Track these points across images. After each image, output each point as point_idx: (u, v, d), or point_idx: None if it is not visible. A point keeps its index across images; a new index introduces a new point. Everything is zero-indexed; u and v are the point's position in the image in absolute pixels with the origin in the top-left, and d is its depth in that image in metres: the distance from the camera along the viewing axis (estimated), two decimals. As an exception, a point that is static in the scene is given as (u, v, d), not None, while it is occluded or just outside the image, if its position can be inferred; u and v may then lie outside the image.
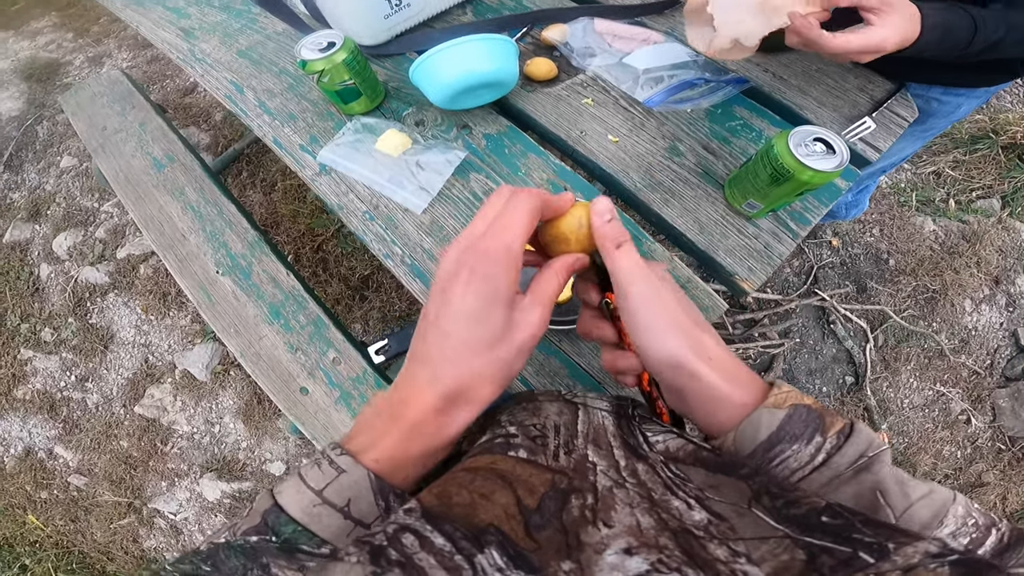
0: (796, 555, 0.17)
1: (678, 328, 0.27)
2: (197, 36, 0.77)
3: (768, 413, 0.25)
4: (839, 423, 0.25)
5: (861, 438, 0.24)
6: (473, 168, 0.60)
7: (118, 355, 1.45)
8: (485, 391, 0.26)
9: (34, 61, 2.11)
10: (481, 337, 0.26)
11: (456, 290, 0.26)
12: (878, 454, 0.23)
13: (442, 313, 0.26)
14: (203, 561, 0.20)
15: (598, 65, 0.64)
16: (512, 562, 0.17)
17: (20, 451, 1.40)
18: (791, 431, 0.24)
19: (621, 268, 0.28)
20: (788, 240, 0.53)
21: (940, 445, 1.24)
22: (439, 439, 0.26)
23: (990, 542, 0.21)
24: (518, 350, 0.26)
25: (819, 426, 0.24)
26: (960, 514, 0.22)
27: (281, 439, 1.31)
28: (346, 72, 0.57)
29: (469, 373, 0.26)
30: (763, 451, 0.25)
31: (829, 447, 0.24)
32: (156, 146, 1.05)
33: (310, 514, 0.23)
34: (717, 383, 0.26)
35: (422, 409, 0.26)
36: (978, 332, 1.33)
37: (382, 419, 0.27)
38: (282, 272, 0.87)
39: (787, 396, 0.26)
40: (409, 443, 0.26)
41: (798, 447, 0.24)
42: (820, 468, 0.24)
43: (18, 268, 1.59)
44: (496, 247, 0.26)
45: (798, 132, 0.45)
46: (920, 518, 0.22)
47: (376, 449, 0.25)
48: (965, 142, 1.51)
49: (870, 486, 0.23)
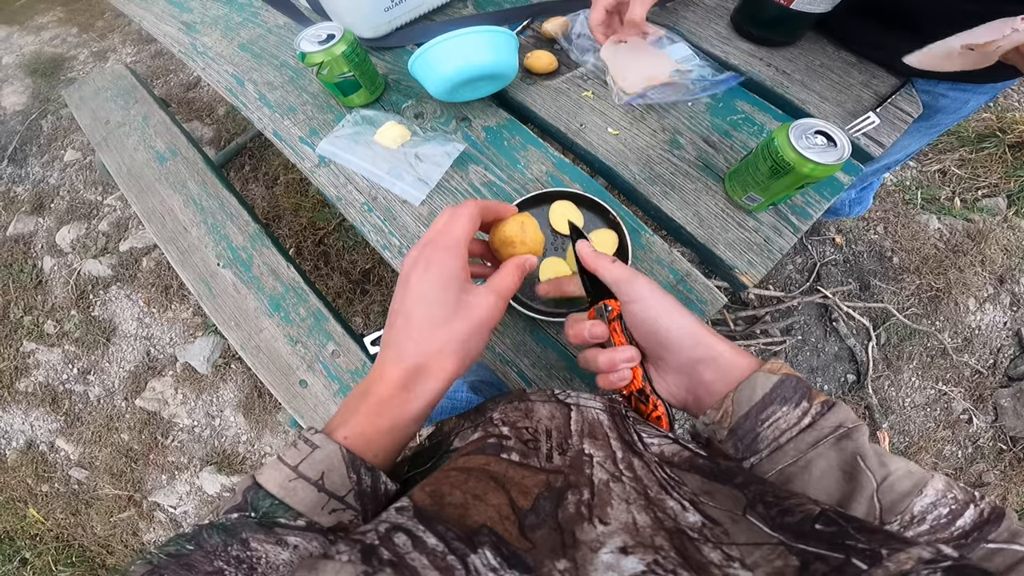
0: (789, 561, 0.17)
1: (685, 310, 0.33)
2: (199, 30, 0.78)
3: (764, 376, 0.28)
4: (823, 396, 0.28)
5: (841, 411, 0.27)
6: (472, 160, 0.59)
7: (120, 348, 1.46)
8: (446, 365, 0.29)
9: (39, 56, 2.11)
10: (438, 315, 0.29)
11: (414, 278, 0.30)
12: (857, 426, 0.26)
13: (404, 299, 0.30)
14: (187, 541, 0.21)
15: (598, 59, 0.64)
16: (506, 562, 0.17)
17: (22, 444, 1.41)
18: (782, 394, 0.28)
19: (621, 276, 0.34)
20: (789, 234, 0.53)
21: (941, 444, 1.23)
22: (406, 412, 0.29)
23: (968, 515, 0.22)
24: (474, 327, 0.30)
25: (806, 394, 0.28)
26: (940, 487, 0.23)
27: (281, 432, 1.32)
28: (345, 64, 0.57)
29: (429, 349, 0.29)
30: (757, 411, 0.28)
31: (815, 412, 0.27)
32: (159, 140, 1.05)
33: (286, 488, 0.24)
34: (728, 351, 0.31)
35: (388, 385, 0.29)
36: (981, 331, 1.32)
37: (353, 399, 0.29)
38: (283, 265, 0.87)
39: (781, 366, 0.29)
40: (378, 418, 0.28)
41: (787, 409, 0.27)
42: (807, 429, 0.26)
43: (21, 261, 1.60)
44: (444, 240, 0.30)
45: (799, 124, 0.45)
46: (900, 487, 0.23)
47: (347, 426, 0.27)
48: (972, 140, 1.50)
49: (851, 452, 0.25)
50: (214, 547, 0.21)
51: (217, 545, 0.21)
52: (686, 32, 0.67)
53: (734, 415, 0.29)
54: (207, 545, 0.21)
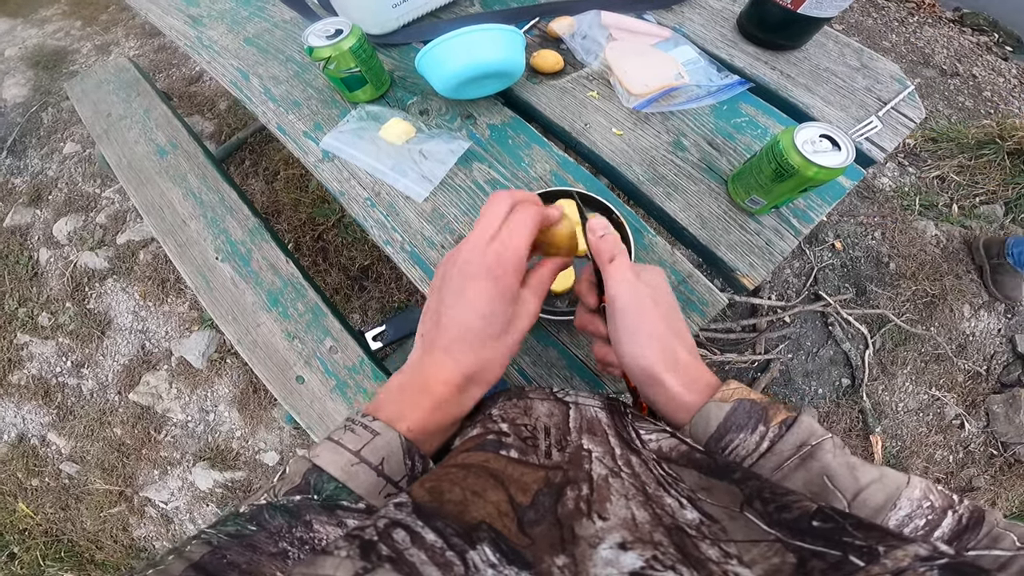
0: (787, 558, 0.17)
1: (654, 338, 0.31)
2: (205, 23, 0.77)
3: (716, 407, 0.28)
4: (782, 415, 0.27)
5: (802, 427, 0.26)
6: (476, 158, 0.60)
7: (115, 341, 1.45)
8: (494, 372, 0.31)
9: (41, 49, 2.10)
10: (494, 330, 0.31)
11: (473, 289, 0.30)
12: (820, 443, 0.25)
13: (463, 308, 0.30)
14: (248, 522, 0.21)
15: (603, 60, 0.64)
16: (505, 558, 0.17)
17: (13, 437, 1.40)
18: (736, 421, 0.27)
19: (612, 281, 0.32)
20: (790, 237, 0.53)
21: (933, 449, 1.24)
22: (459, 411, 0.31)
23: (947, 524, 0.21)
24: (522, 337, 0.32)
25: (762, 416, 0.27)
26: (916, 496, 0.22)
27: (276, 429, 1.31)
28: (352, 60, 0.57)
29: (483, 358, 0.31)
30: (715, 441, 0.27)
31: (772, 435, 0.26)
32: (160, 133, 1.05)
33: (348, 472, 0.24)
34: (679, 389, 0.30)
35: (448, 388, 0.30)
36: (976, 338, 1.33)
37: (410, 394, 0.30)
38: (282, 260, 0.87)
39: (733, 392, 0.29)
40: (436, 413, 0.29)
41: (744, 436, 0.27)
42: (766, 455, 0.26)
43: (17, 252, 1.58)
44: (507, 254, 0.30)
45: (804, 128, 0.45)
46: (873, 502, 0.22)
47: (408, 419, 0.28)
48: (971, 147, 1.51)
49: (817, 471, 0.24)
50: (278, 528, 0.20)
51: (281, 526, 0.21)
52: (691, 34, 0.67)
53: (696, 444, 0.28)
54: (270, 526, 0.21)
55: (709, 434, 0.27)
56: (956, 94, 1.75)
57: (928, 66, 1.82)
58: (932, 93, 1.75)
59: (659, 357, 0.30)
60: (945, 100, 1.73)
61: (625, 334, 0.31)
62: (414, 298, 1.36)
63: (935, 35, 1.92)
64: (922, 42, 1.89)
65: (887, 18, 1.97)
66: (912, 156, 1.59)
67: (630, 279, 0.32)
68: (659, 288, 0.34)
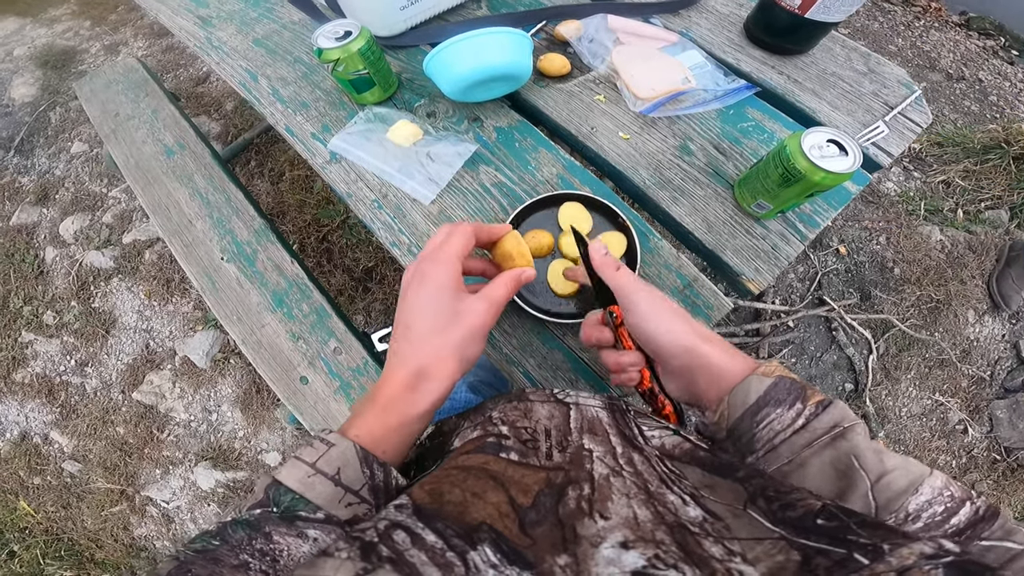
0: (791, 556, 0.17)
1: (682, 319, 0.34)
2: (214, 24, 0.78)
3: (757, 380, 0.29)
4: (819, 396, 0.28)
5: (837, 410, 0.27)
6: (483, 161, 0.60)
7: (119, 340, 1.45)
8: (446, 367, 0.32)
9: (50, 48, 2.12)
10: (435, 323, 0.32)
11: (411, 290, 0.33)
12: (853, 425, 0.26)
13: (404, 309, 0.33)
14: (212, 537, 0.22)
15: (610, 64, 0.64)
16: (506, 558, 0.17)
17: (16, 435, 1.40)
18: (776, 396, 0.28)
19: (625, 283, 0.35)
20: (796, 242, 0.53)
21: (936, 454, 1.23)
22: (412, 410, 0.31)
23: (964, 512, 0.21)
24: (468, 333, 0.32)
25: (801, 395, 0.28)
26: (938, 485, 0.23)
27: (278, 429, 1.31)
28: (361, 62, 0.57)
29: (428, 353, 0.32)
30: (751, 414, 0.28)
31: (808, 413, 0.27)
32: (168, 133, 1.05)
33: (305, 483, 0.25)
34: (721, 357, 0.31)
35: (394, 387, 0.31)
36: (980, 343, 1.32)
37: (363, 403, 0.31)
38: (287, 261, 0.87)
39: (775, 369, 0.30)
40: (386, 416, 0.30)
41: (781, 411, 0.27)
42: (800, 431, 0.26)
43: (23, 251, 1.59)
44: (438, 254, 0.33)
45: (811, 133, 0.45)
46: (896, 485, 0.23)
47: (356, 425, 0.29)
48: (977, 152, 1.51)
49: (846, 451, 0.25)
50: (239, 541, 0.21)
51: (242, 539, 0.21)
52: (698, 38, 0.67)
53: (730, 418, 0.29)
54: (232, 540, 0.21)
55: (747, 405, 0.28)
56: (962, 98, 1.74)
57: (934, 70, 1.82)
58: (938, 97, 1.75)
59: (692, 331, 0.33)
60: (951, 104, 1.73)
61: (654, 318, 0.34)
62: (418, 299, 1.36)
63: (941, 39, 1.91)
64: (928, 46, 1.89)
65: (893, 22, 1.97)
66: (917, 161, 1.59)
67: (639, 279, 0.35)
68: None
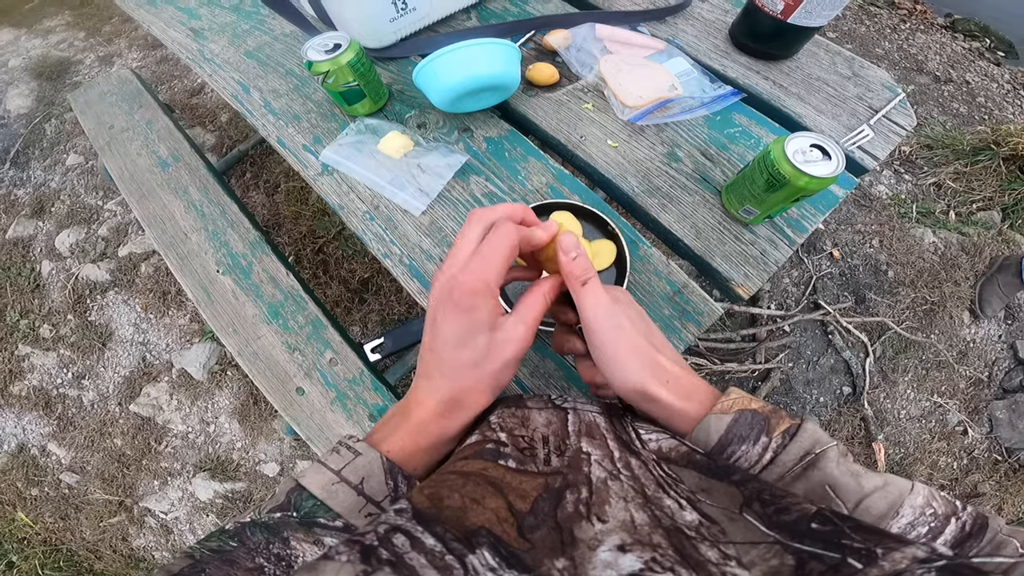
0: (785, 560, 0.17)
1: (638, 356, 0.30)
2: (207, 37, 0.79)
3: (716, 419, 0.27)
4: (785, 424, 0.26)
5: (806, 436, 0.25)
6: (473, 171, 0.60)
7: (116, 353, 1.45)
8: (478, 399, 0.31)
9: (45, 59, 2.13)
10: (468, 359, 0.30)
11: (442, 319, 0.30)
12: (824, 451, 0.24)
13: (436, 337, 0.31)
14: (230, 538, 0.21)
15: (597, 72, 0.65)
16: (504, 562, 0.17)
17: (13, 448, 1.40)
18: (738, 433, 0.26)
19: (586, 305, 0.31)
20: (784, 247, 0.54)
21: (936, 456, 1.23)
22: (442, 436, 0.31)
23: (949, 531, 0.21)
24: (503, 365, 0.31)
25: (764, 427, 0.26)
26: (919, 504, 0.22)
27: (276, 440, 1.31)
28: (351, 74, 0.58)
29: (461, 386, 0.31)
30: (716, 453, 0.26)
31: (775, 446, 0.25)
32: (162, 145, 1.06)
33: (328, 491, 0.25)
34: (674, 402, 0.29)
35: (426, 412, 0.31)
36: (976, 344, 1.33)
37: (397, 417, 0.31)
38: (282, 272, 0.87)
39: (734, 402, 0.28)
40: (418, 437, 0.30)
41: (746, 447, 0.26)
42: (769, 466, 0.25)
43: (19, 264, 1.59)
44: (475, 282, 0.29)
45: (794, 138, 0.46)
46: (876, 509, 0.22)
47: (389, 441, 0.29)
48: (966, 153, 1.52)
49: (818, 481, 0.24)
50: (256, 544, 0.21)
51: (260, 542, 0.21)
52: (685, 46, 0.68)
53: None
54: (250, 542, 0.21)
55: (711, 447, 0.27)
56: (950, 100, 1.76)
57: (922, 73, 1.84)
58: (926, 100, 1.76)
59: (648, 372, 0.30)
60: (939, 107, 1.75)
61: (608, 355, 0.30)
62: (414, 310, 1.37)
63: (928, 41, 1.93)
64: (915, 49, 1.91)
65: (880, 25, 1.99)
66: (908, 163, 1.60)
67: (605, 301, 0.31)
68: (632, 306, 0.34)
